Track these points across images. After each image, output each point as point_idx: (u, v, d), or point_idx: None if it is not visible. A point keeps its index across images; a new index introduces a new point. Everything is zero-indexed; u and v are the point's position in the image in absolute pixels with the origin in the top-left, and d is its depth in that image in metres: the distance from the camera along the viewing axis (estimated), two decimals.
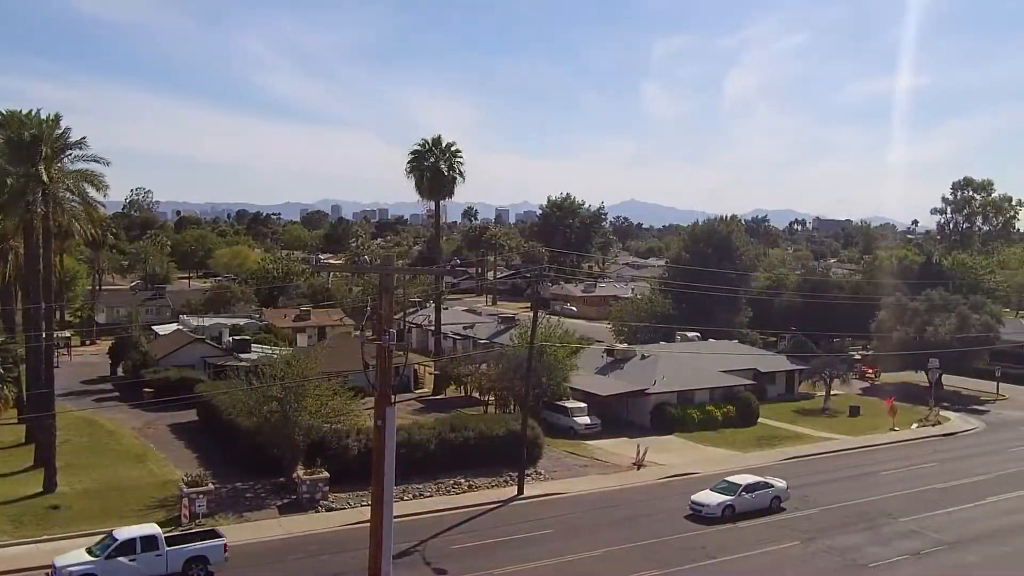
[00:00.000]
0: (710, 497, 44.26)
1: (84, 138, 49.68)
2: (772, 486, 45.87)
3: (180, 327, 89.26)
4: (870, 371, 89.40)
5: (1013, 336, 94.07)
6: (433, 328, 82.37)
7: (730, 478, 46.27)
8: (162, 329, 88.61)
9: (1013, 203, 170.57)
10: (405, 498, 44.72)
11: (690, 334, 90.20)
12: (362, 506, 43.08)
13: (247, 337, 79.36)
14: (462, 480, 48.51)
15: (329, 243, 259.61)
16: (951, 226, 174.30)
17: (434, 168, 77.62)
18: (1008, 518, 45.26)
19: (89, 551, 34.51)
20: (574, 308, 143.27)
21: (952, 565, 38.26)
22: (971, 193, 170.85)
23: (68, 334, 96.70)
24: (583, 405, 63.81)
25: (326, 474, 44.57)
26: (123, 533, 35.16)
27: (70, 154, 49.67)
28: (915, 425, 68.55)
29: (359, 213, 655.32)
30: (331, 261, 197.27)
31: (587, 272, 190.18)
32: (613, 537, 40.74)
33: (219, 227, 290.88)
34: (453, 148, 78.65)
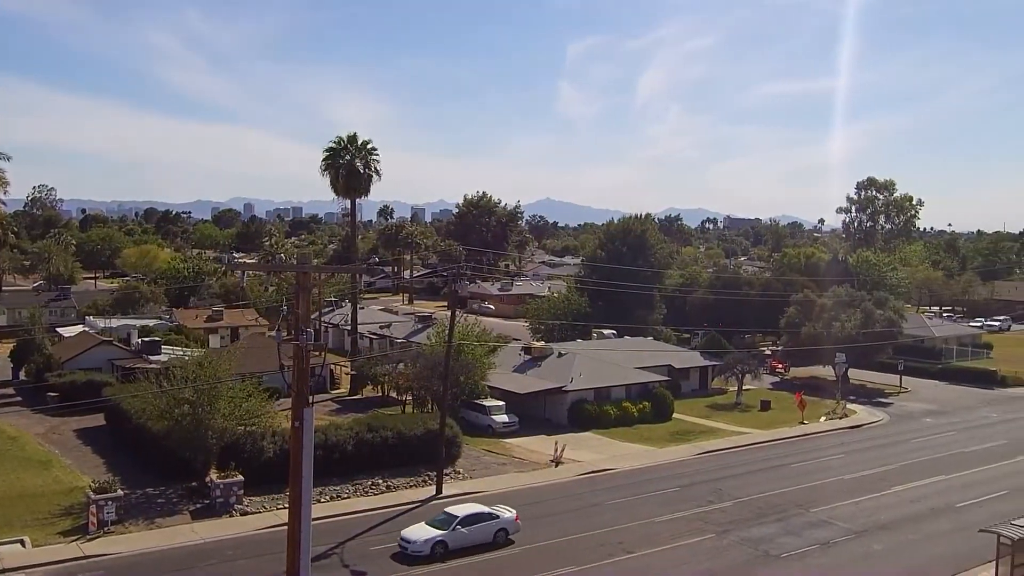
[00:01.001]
0: (420, 532, 38.22)
1: None
2: (497, 517, 39.72)
3: (86, 329, 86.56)
4: (780, 366, 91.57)
5: (914, 331, 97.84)
6: (350, 328, 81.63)
7: (449, 508, 40.29)
8: (67, 331, 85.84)
9: (914, 202, 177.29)
10: (322, 500, 44.17)
11: (606, 331, 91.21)
12: (278, 509, 42.46)
13: (157, 338, 77.38)
14: (380, 480, 48.17)
15: (242, 242, 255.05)
16: (856, 225, 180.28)
17: (349, 166, 76.87)
18: (911, 506, 46.85)
19: None
20: (491, 307, 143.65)
21: (859, 554, 39.46)
22: (874, 193, 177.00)
23: None
24: (501, 403, 63.97)
25: (241, 477, 43.77)
26: None
27: None
28: (823, 418, 70.46)
29: (272, 212, 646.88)
30: (245, 260, 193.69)
31: (504, 271, 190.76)
32: (532, 535, 40.79)
33: (127, 226, 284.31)
34: (369, 146, 78.01)
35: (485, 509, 40.21)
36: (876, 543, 40.88)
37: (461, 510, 39.93)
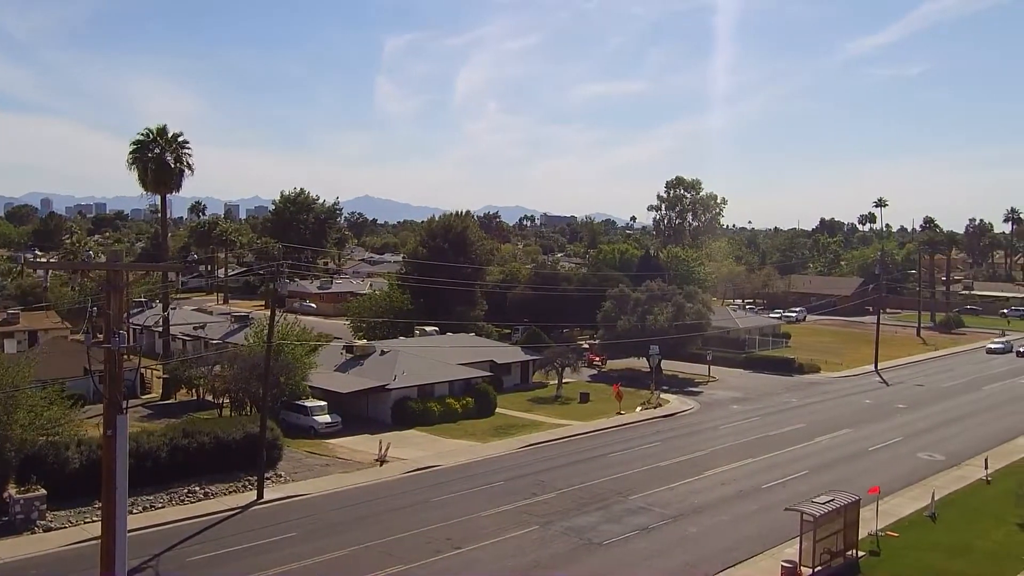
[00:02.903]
0: None
1: None
2: None
3: None
4: (597, 359, 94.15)
5: (721, 323, 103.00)
6: (160, 329, 78.18)
7: None
8: None
9: (718, 201, 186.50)
10: (135, 511, 41.89)
11: (428, 328, 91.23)
12: (86, 523, 40.15)
13: None
14: (197, 488, 46.28)
15: (40, 240, 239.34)
16: (666, 222, 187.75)
17: (159, 160, 73.56)
18: (722, 489, 49.25)
19: None
20: (313, 305, 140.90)
21: (676, 537, 41.13)
22: (682, 191, 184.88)
23: None
24: (323, 403, 62.83)
25: (43, 491, 41.00)
26: None
27: None
28: (639, 408, 73.00)
29: (73, 207, 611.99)
30: (45, 259, 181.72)
31: (323, 269, 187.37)
32: (358, 535, 40.36)
33: None
34: (180, 139, 74.92)
35: None
36: (691, 526, 42.74)
37: None
